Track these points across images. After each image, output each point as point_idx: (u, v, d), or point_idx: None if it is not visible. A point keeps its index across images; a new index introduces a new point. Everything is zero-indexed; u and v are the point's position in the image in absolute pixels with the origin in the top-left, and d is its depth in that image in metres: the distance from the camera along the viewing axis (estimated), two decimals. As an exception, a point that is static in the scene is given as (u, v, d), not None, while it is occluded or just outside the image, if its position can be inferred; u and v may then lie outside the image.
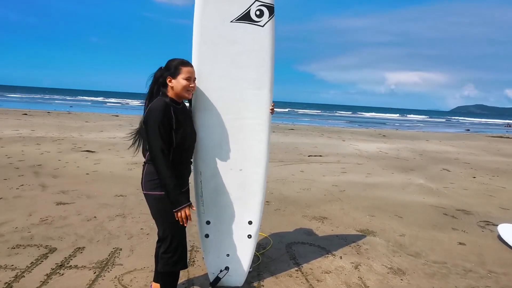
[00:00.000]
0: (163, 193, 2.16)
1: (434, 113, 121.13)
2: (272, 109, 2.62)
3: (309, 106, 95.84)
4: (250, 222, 2.64)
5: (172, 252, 2.25)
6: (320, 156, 9.76)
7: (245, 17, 2.45)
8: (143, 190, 2.27)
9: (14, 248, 3.25)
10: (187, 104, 2.53)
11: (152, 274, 2.69)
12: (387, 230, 4.22)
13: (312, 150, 10.85)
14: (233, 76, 2.51)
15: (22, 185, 5.35)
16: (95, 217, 4.17)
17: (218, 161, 2.56)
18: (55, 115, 18.68)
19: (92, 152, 8.42)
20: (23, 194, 4.90)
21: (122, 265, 3.04)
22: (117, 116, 21.02)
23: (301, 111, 57.17)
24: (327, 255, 3.44)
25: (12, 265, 2.92)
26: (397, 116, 61.93)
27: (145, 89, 2.34)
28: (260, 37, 2.48)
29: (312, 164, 8.44)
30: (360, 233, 4.08)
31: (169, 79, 2.24)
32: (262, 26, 2.47)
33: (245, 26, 2.46)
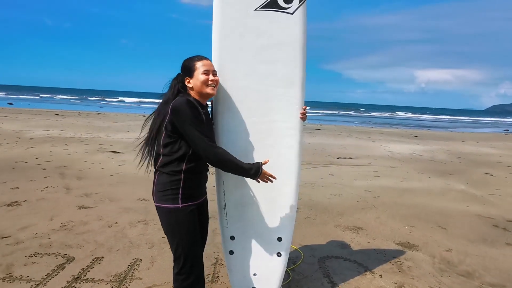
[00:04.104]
0: (176, 205, 1.93)
1: (468, 113, 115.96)
2: (304, 113, 2.27)
3: (336, 106, 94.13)
4: (279, 239, 2.34)
5: (186, 274, 1.97)
6: (350, 158, 9.31)
7: (272, 4, 2.15)
8: (154, 202, 2.03)
9: (32, 256, 3.11)
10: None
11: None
12: (430, 244, 3.80)
13: (341, 151, 10.40)
14: (258, 73, 2.21)
15: (47, 187, 5.30)
16: (116, 223, 4.00)
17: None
18: (85, 115, 19.12)
19: (118, 153, 8.39)
20: (46, 197, 4.83)
21: (141, 279, 2.82)
22: (144, 116, 21.25)
23: (328, 111, 56.10)
24: (365, 273, 3.08)
25: (28, 276, 2.76)
26: (429, 116, 59.59)
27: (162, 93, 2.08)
28: (289, 27, 2.17)
29: (342, 167, 8.02)
30: (400, 247, 3.68)
31: (187, 80, 1.99)
32: (292, 14, 2.16)
33: (272, 14, 2.16)
